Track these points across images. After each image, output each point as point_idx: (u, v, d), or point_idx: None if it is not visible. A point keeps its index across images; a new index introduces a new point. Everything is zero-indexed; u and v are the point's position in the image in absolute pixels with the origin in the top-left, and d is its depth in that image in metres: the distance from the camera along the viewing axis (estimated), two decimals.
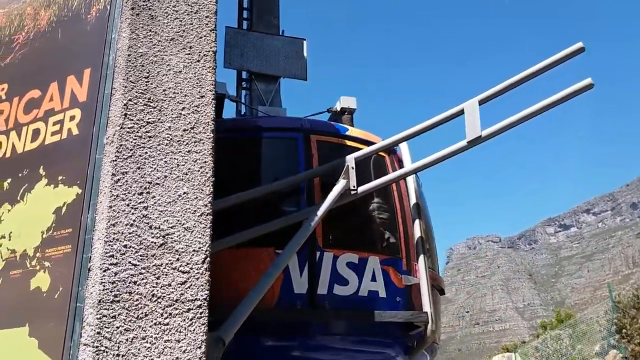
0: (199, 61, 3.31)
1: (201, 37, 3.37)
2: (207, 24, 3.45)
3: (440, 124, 4.29)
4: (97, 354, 2.46)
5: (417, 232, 4.95)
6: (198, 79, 3.27)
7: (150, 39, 3.24)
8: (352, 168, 4.40)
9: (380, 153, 4.94)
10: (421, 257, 4.84)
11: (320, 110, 6.86)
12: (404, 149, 5.25)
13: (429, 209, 5.97)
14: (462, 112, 4.15)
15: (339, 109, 6.46)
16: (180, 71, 3.23)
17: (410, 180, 5.18)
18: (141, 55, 3.17)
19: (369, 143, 5.01)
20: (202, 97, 3.24)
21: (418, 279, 4.76)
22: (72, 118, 3.17)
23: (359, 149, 4.84)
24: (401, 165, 5.13)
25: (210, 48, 3.36)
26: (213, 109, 3.26)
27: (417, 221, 5.01)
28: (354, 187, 4.36)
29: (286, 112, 7.04)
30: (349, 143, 5.04)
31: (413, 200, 5.12)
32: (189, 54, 3.30)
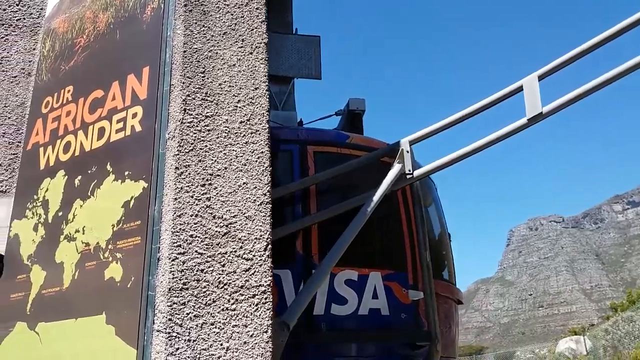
0: (251, 53, 3.36)
1: (252, 30, 3.42)
2: (257, 16, 3.49)
3: (498, 102, 4.16)
4: (170, 340, 2.58)
5: (422, 242, 4.68)
6: (251, 71, 3.32)
7: (204, 34, 3.31)
8: (407, 152, 4.36)
9: (386, 160, 4.71)
10: (426, 272, 4.56)
11: (329, 113, 6.70)
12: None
13: (444, 213, 5.72)
14: (520, 88, 4.01)
15: (347, 111, 6.17)
16: (234, 64, 3.30)
17: (420, 186, 4.88)
18: (196, 51, 3.25)
19: (370, 150, 4.83)
20: (256, 89, 3.29)
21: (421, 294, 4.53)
22: (134, 115, 3.30)
23: (360, 157, 4.68)
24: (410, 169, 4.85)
25: (262, 40, 3.41)
26: (267, 100, 3.31)
27: (420, 232, 4.72)
28: (410, 171, 4.31)
29: (296, 116, 6.90)
30: (349, 152, 4.83)
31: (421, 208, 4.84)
32: (242, 47, 3.36)
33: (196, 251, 2.79)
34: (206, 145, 3.04)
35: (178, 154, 2.96)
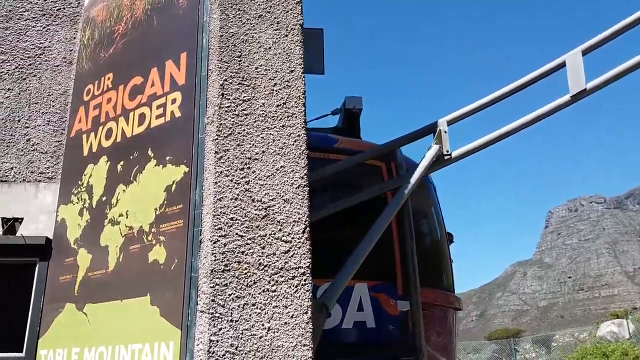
0: (286, 36, 3.35)
1: (287, 11, 3.40)
2: None
3: (540, 79, 4.04)
4: (213, 320, 2.64)
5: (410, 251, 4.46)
6: (287, 54, 3.31)
7: (240, 18, 3.32)
8: (445, 132, 4.29)
9: (376, 162, 4.58)
10: (413, 283, 4.34)
11: (325, 113, 6.35)
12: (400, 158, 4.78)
13: (443, 215, 5.45)
14: (563, 64, 3.88)
15: (343, 110, 5.85)
16: (269, 47, 3.30)
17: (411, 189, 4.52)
18: (232, 35, 3.26)
19: (359, 153, 4.65)
20: (291, 71, 3.29)
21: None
22: (173, 101, 3.34)
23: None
24: (398, 172, 4.66)
25: (297, 21, 3.39)
26: (303, 82, 3.30)
27: (410, 241, 4.50)
28: (448, 151, 4.25)
29: None
30: (336, 157, 4.64)
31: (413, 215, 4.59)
32: (277, 29, 3.35)
33: (237, 234, 2.83)
34: (244, 130, 3.07)
35: (217, 139, 2.99)
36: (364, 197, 4.32)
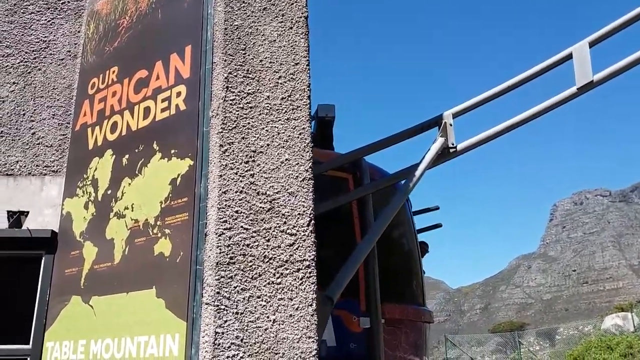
0: (291, 28, 3.34)
1: (292, 4, 3.39)
2: None
3: (547, 71, 4.01)
4: (218, 312, 2.65)
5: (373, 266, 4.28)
6: (292, 46, 3.30)
7: (244, 10, 3.31)
8: (450, 125, 4.27)
9: (343, 175, 4.49)
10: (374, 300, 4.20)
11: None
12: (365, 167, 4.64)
13: (415, 229, 5.32)
14: (570, 56, 3.85)
15: (316, 119, 5.64)
16: (274, 40, 3.29)
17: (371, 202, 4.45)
18: (237, 28, 3.25)
19: (318, 163, 4.39)
20: (296, 64, 3.28)
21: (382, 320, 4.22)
22: (178, 94, 3.34)
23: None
24: (364, 182, 4.52)
25: (302, 14, 3.38)
26: (308, 75, 3.29)
27: (372, 258, 4.33)
28: (453, 144, 4.23)
29: None
30: None
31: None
32: (282, 22, 3.34)
33: (242, 226, 2.83)
34: (249, 123, 3.07)
35: (222, 132, 2.99)
36: (330, 206, 4.20)
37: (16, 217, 3.64)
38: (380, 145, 4.61)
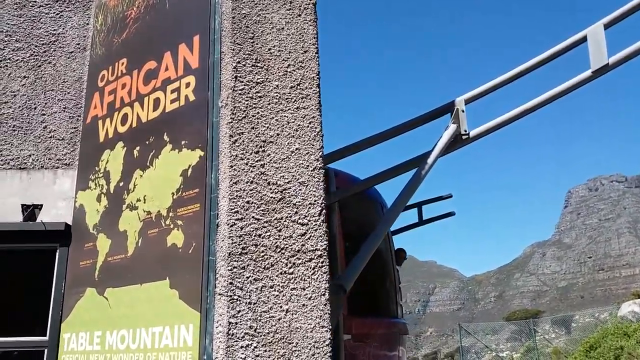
0: (299, 15, 3.30)
1: None
2: None
3: (561, 54, 3.92)
4: (232, 302, 2.65)
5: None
6: (300, 34, 3.27)
7: None
8: (463, 111, 4.21)
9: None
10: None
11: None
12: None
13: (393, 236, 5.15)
14: (584, 39, 3.77)
15: None
16: (282, 28, 3.25)
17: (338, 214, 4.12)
18: (245, 16, 3.22)
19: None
20: (305, 52, 3.25)
21: (348, 336, 4.01)
22: (187, 85, 3.33)
23: None
24: (328, 190, 4.09)
25: (310, 0, 3.33)
26: (317, 63, 3.26)
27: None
28: (466, 131, 4.16)
29: None
30: None
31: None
32: (290, 9, 3.30)
33: (253, 217, 2.82)
34: (258, 112, 3.04)
35: (231, 122, 2.97)
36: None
37: (30, 211, 3.67)
38: (392, 133, 4.56)
